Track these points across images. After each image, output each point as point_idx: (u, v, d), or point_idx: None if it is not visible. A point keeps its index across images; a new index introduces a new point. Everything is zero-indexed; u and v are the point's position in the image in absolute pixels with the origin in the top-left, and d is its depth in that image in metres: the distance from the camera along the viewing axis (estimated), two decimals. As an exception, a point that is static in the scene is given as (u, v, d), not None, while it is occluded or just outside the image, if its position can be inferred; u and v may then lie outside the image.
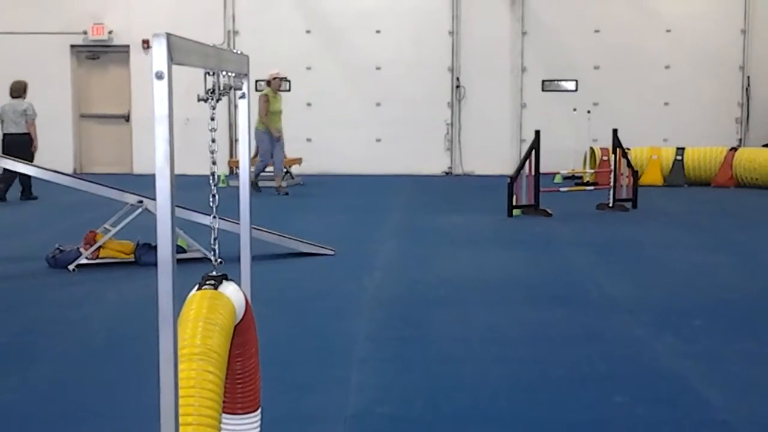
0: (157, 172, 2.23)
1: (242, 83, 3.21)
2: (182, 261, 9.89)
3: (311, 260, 10.60)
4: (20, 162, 11.33)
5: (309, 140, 20.99)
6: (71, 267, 9.99)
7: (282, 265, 10.17)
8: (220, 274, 2.92)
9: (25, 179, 15.72)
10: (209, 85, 2.87)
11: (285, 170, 18.23)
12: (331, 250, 10.93)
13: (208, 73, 2.85)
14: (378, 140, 21.03)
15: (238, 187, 3.41)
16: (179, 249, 10.15)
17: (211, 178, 2.99)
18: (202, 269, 2.32)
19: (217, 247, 3.00)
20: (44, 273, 9.93)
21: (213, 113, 2.88)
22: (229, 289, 2.90)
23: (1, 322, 7.92)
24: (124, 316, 8.15)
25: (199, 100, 2.84)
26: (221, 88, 2.89)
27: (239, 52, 3.22)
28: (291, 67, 20.89)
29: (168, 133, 2.20)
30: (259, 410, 3.15)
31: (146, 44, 20.85)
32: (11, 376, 6.33)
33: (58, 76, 20.56)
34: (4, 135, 16.32)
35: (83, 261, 10.07)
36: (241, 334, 2.92)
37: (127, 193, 10.58)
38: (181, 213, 9.98)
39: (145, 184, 13.29)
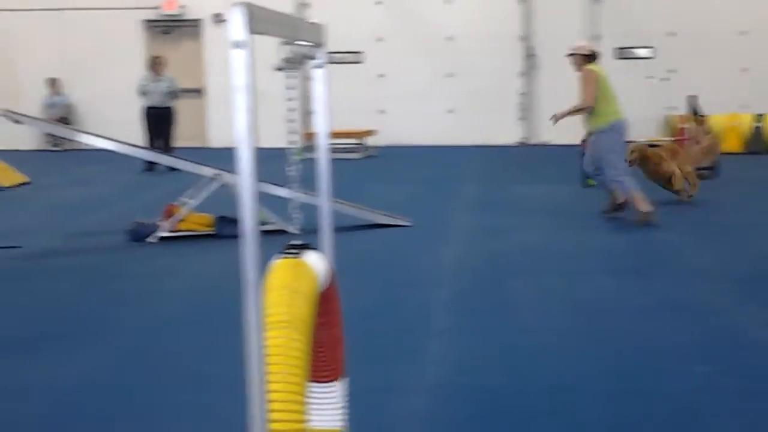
0: (238, 143, 2.23)
1: (318, 53, 3.20)
2: (262, 233, 10.01)
3: (388, 231, 10.61)
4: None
5: (382, 112, 20.98)
6: (151, 240, 10.11)
7: (358, 237, 10.19)
8: (302, 242, 2.92)
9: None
10: (286, 55, 2.87)
11: None
12: (407, 221, 10.93)
13: (285, 43, 2.85)
14: (450, 111, 20.95)
15: (313, 159, 3.38)
16: (259, 221, 10.24)
17: (289, 148, 2.99)
18: (280, 241, 2.32)
19: (299, 215, 3.00)
20: (124, 246, 10.07)
21: (291, 83, 2.88)
22: (311, 257, 2.91)
23: (83, 294, 8.05)
24: (205, 288, 8.23)
25: (275, 69, 2.84)
26: (299, 58, 2.89)
27: (315, 21, 3.21)
28: (362, 38, 20.89)
29: (248, 102, 2.20)
30: (343, 378, 3.16)
31: (217, 17, 20.94)
32: (93, 347, 6.43)
33: (131, 51, 20.76)
34: None
35: (163, 234, 10.19)
36: (325, 302, 2.92)
37: (203, 167, 10.69)
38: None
39: (220, 157, 13.41)
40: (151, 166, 16.39)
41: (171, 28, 21.59)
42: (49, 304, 7.69)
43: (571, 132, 20.45)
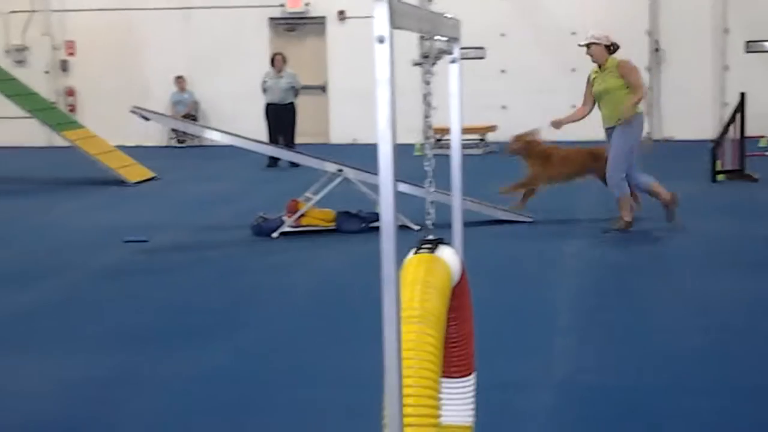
0: (378, 137, 2.23)
1: (453, 48, 3.20)
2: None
3: (510, 227, 10.55)
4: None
5: (504, 107, 20.84)
6: (275, 235, 10.24)
7: (479, 232, 10.13)
8: (436, 238, 2.92)
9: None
10: (423, 50, 2.86)
11: None
12: (529, 217, 10.86)
13: (423, 38, 2.86)
14: (573, 106, 20.52)
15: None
16: (379, 217, 10.24)
17: (426, 144, 2.99)
18: (402, 237, 2.31)
19: (433, 211, 3.00)
20: (249, 241, 10.21)
21: (428, 78, 2.88)
22: (445, 252, 2.91)
23: (208, 289, 8.19)
24: (328, 282, 8.30)
25: (414, 64, 2.84)
26: (436, 53, 2.89)
27: (450, 16, 3.20)
28: (485, 33, 20.76)
29: (390, 96, 2.21)
30: (473, 374, 3.14)
31: (342, 15, 21.08)
32: (223, 340, 6.54)
33: (256, 48, 21.01)
34: None
35: (286, 229, 10.31)
36: (457, 297, 2.91)
37: (327, 162, 10.78)
38: (375, 180, 10.13)
39: (342, 153, 13.46)
40: (274, 161, 16.58)
41: (295, 25, 21.80)
42: (175, 298, 7.85)
43: (696, 127, 20.12)
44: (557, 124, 10.70)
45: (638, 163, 10.24)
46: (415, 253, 2.84)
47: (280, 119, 17.58)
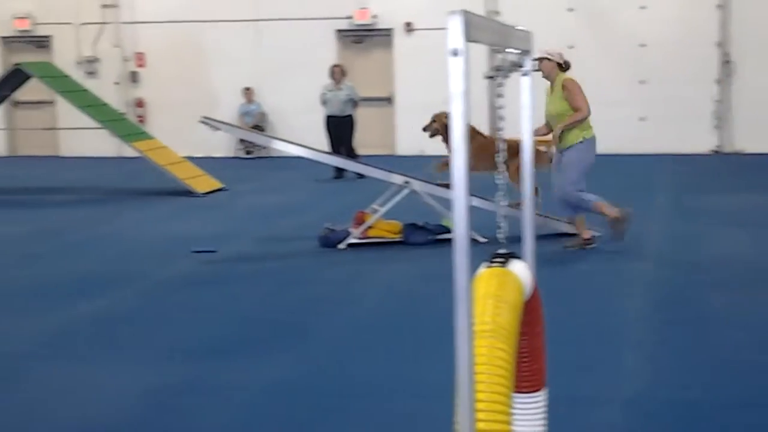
0: (454, 150, 2.22)
1: (525, 61, 3.19)
2: (448, 241, 10.00)
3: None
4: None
5: (571, 120, 20.69)
6: (341, 246, 10.26)
7: (545, 247, 10.04)
8: (508, 252, 2.91)
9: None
10: (496, 62, 2.86)
11: None
12: (596, 231, 10.74)
13: (495, 51, 2.85)
14: (642, 119, 20.51)
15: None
16: (446, 229, 10.18)
17: (497, 157, 2.98)
18: (471, 250, 2.30)
19: (504, 225, 2.98)
20: (316, 252, 10.24)
21: (500, 91, 2.87)
22: (517, 266, 2.89)
23: (275, 299, 8.22)
24: (395, 294, 8.30)
25: (485, 77, 2.84)
26: (508, 66, 2.88)
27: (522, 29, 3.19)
28: (553, 46, 20.63)
29: (464, 109, 2.20)
30: (544, 390, 3.12)
31: (409, 27, 21.10)
32: (289, 352, 6.56)
33: (323, 60, 21.10)
34: None
35: (353, 240, 10.32)
36: (528, 312, 2.90)
37: (393, 174, 10.78)
38: (442, 193, 10.12)
39: (408, 165, 13.45)
40: (340, 173, 16.64)
41: (363, 37, 21.86)
42: (242, 309, 7.89)
43: (769, 141, 19.82)
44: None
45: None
46: (487, 266, 2.83)
47: (339, 131, 17.66)
